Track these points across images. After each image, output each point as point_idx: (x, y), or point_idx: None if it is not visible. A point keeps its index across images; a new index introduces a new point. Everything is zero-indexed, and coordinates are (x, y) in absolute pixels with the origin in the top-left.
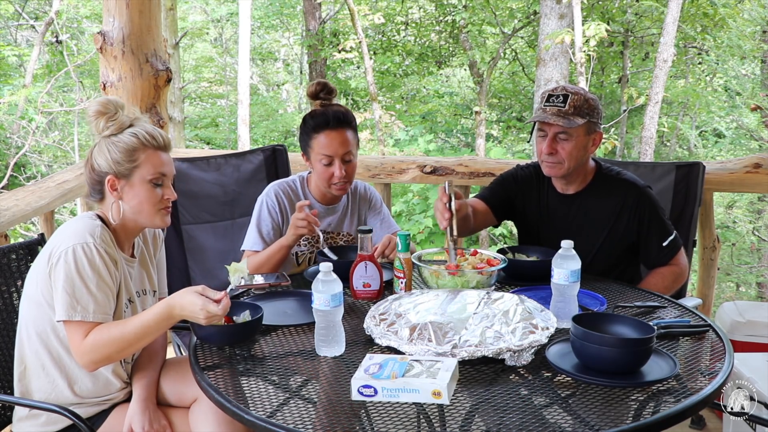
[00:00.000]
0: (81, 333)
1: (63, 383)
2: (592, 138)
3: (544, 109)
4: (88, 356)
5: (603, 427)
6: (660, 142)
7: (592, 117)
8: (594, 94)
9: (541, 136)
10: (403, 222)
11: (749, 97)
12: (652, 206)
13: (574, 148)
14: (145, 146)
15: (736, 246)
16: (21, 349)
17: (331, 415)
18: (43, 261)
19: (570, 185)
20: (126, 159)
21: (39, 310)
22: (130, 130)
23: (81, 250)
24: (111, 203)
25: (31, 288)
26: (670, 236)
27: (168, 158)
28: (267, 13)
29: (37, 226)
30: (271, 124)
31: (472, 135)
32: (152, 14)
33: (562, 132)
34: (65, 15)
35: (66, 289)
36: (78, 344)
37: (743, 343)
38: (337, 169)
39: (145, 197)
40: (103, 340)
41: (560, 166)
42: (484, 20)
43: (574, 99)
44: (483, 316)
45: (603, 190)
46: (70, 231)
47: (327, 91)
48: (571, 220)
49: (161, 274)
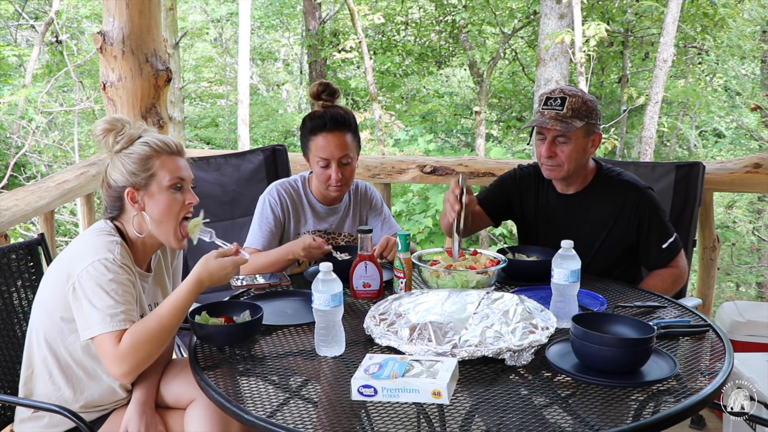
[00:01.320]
0: (113, 341)
1: (68, 392)
2: (591, 139)
3: (542, 112)
4: (128, 361)
5: (603, 427)
6: (660, 142)
7: (591, 119)
8: (592, 95)
9: (540, 140)
10: (403, 222)
11: (749, 97)
12: (653, 207)
13: (573, 150)
14: (158, 153)
15: (736, 246)
16: (30, 353)
17: (331, 415)
18: (61, 277)
19: (570, 186)
20: (141, 169)
21: (51, 321)
22: (140, 141)
23: (102, 266)
24: (132, 216)
25: (44, 296)
26: (670, 238)
27: (184, 163)
28: (267, 13)
29: (37, 226)
30: (271, 124)
31: (472, 135)
32: (152, 14)
33: (560, 135)
34: (65, 15)
35: (94, 305)
36: (112, 353)
37: (743, 343)
38: (334, 171)
39: (166, 204)
40: (140, 336)
41: (560, 169)
42: (484, 20)
43: (572, 102)
44: (483, 316)
45: (603, 190)
46: (90, 248)
47: (329, 92)
48: (571, 220)
49: (176, 281)
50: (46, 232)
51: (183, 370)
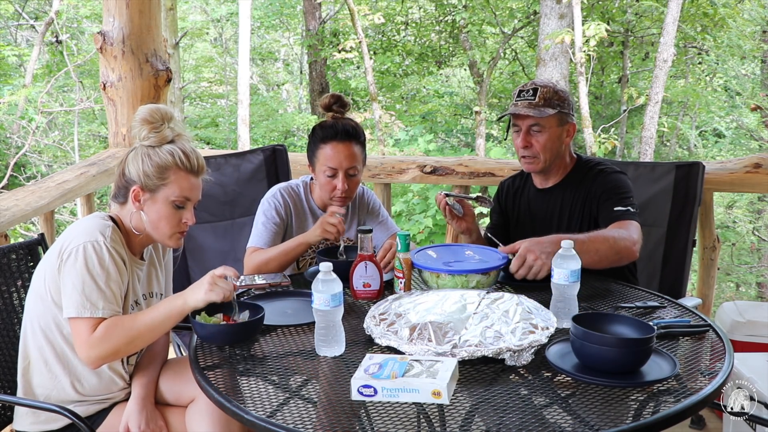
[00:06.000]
0: (89, 328)
1: (66, 380)
2: (565, 129)
3: (515, 104)
4: (95, 350)
5: (603, 427)
6: (660, 142)
7: (563, 108)
8: (564, 87)
9: (515, 131)
10: (403, 222)
11: (749, 97)
12: (610, 180)
13: (548, 139)
14: (178, 167)
15: (736, 246)
16: (25, 344)
17: (331, 415)
18: (52, 257)
19: (548, 180)
20: (156, 175)
21: (44, 306)
22: (168, 147)
23: (91, 248)
24: (131, 211)
25: (37, 283)
26: (625, 207)
27: (197, 183)
28: (267, 13)
29: (37, 226)
30: (271, 124)
31: (472, 135)
32: (152, 14)
33: (534, 124)
34: (65, 15)
35: (76, 287)
36: (85, 339)
37: (743, 343)
38: (340, 182)
39: (165, 216)
40: (112, 331)
41: (537, 160)
42: (484, 20)
43: (543, 91)
44: (483, 316)
45: (577, 179)
46: (81, 229)
47: (341, 104)
48: (549, 213)
49: (168, 276)
50: (46, 232)
51: (183, 368)
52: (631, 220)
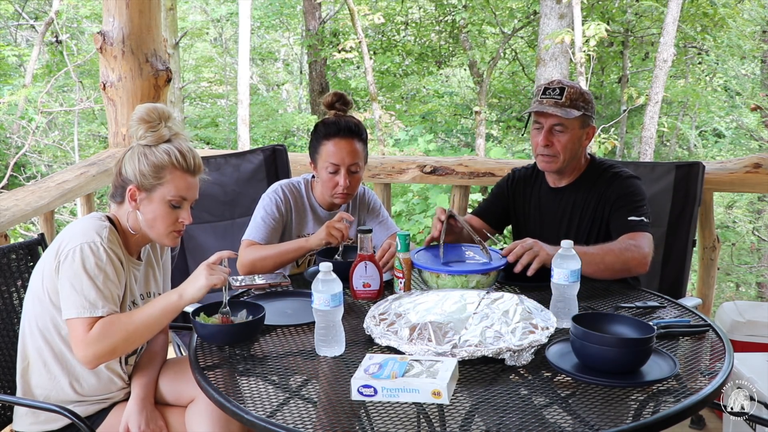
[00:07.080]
0: (86, 327)
1: (64, 380)
2: (586, 132)
3: (540, 101)
4: (92, 348)
5: (603, 427)
6: (660, 142)
7: (587, 110)
8: (587, 90)
9: (536, 128)
10: (403, 222)
11: (749, 97)
12: (626, 186)
13: (569, 140)
14: (174, 167)
15: (736, 246)
16: (24, 344)
17: (331, 415)
18: (50, 258)
19: (562, 179)
20: (152, 174)
21: (42, 307)
22: (164, 146)
23: (88, 249)
24: (128, 211)
25: (35, 284)
26: (639, 217)
27: (194, 183)
28: (267, 13)
29: (37, 226)
30: (271, 124)
31: (472, 135)
32: (152, 14)
33: (558, 124)
34: (65, 15)
35: (74, 287)
36: (82, 338)
37: (743, 343)
38: (342, 178)
39: (161, 215)
40: (109, 329)
41: (555, 159)
42: (484, 20)
43: (570, 92)
44: (483, 315)
45: (591, 180)
46: (78, 229)
47: (343, 102)
48: (560, 214)
49: (166, 276)
50: (46, 232)
51: (183, 368)
52: (643, 231)
